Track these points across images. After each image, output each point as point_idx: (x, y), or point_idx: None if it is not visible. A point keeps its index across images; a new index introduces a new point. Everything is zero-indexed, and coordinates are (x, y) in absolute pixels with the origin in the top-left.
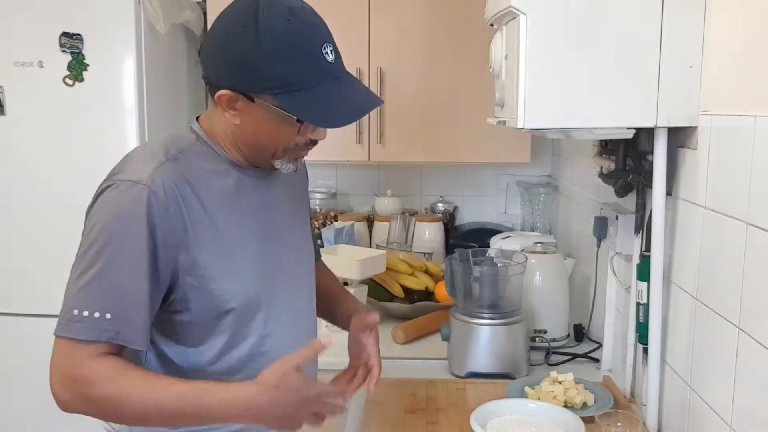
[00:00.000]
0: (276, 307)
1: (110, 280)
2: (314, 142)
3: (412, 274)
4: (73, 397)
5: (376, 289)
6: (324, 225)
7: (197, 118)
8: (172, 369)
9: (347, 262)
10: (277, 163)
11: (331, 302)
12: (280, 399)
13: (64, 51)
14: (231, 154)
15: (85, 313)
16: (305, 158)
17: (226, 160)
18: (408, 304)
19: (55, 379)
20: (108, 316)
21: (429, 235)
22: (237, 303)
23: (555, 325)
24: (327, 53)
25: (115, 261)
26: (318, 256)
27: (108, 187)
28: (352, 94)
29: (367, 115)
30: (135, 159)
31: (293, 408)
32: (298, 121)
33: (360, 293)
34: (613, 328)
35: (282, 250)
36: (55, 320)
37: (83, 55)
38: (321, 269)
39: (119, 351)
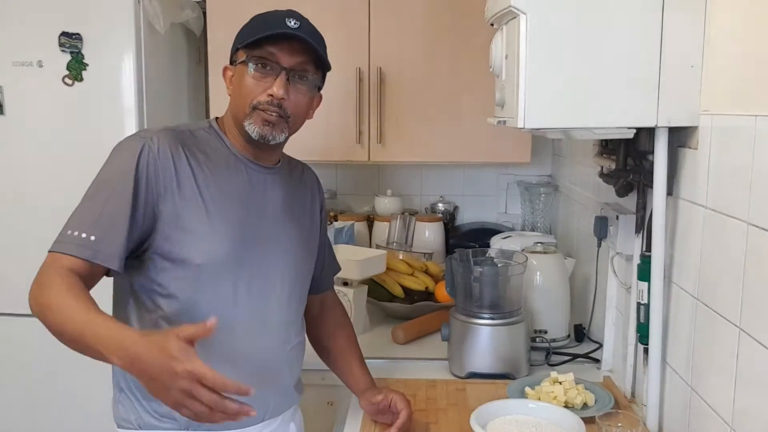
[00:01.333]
0: (245, 288)
1: (98, 207)
2: (279, 105)
3: (412, 274)
4: (31, 297)
5: (376, 289)
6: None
7: (216, 119)
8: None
9: (347, 262)
10: (247, 126)
11: (346, 371)
12: (152, 357)
13: (63, 51)
14: (235, 141)
15: (75, 233)
16: (319, 176)
17: (230, 147)
18: (408, 304)
19: (34, 282)
20: (93, 237)
21: (429, 235)
22: (202, 260)
23: (555, 325)
24: (289, 22)
25: (105, 191)
26: (331, 286)
27: (119, 142)
28: (289, 32)
29: (367, 116)
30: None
31: (162, 374)
32: (249, 58)
33: (360, 293)
34: (613, 328)
35: (265, 245)
36: None
37: (83, 55)
38: (339, 318)
39: (90, 274)
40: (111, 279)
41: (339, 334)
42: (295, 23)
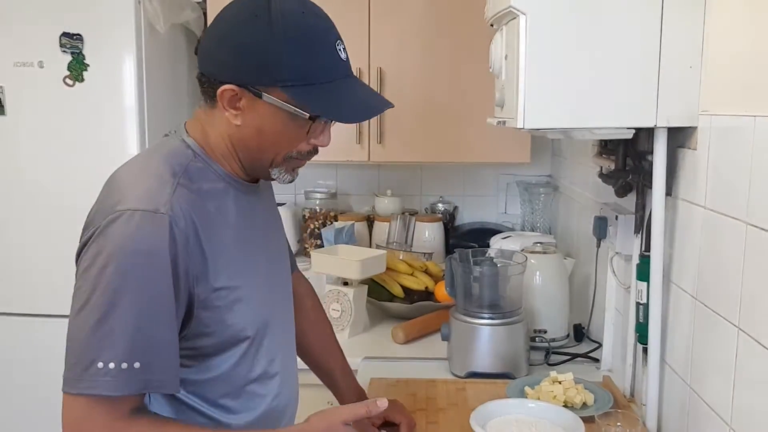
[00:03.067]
0: (278, 326)
1: (136, 325)
2: (316, 151)
3: (412, 274)
4: None
5: (376, 289)
6: (324, 225)
7: (185, 127)
8: (176, 406)
9: (347, 262)
10: (275, 173)
11: (327, 378)
12: None
13: (64, 51)
14: (227, 167)
15: (111, 365)
16: None
17: (223, 176)
18: (408, 304)
19: None
20: (137, 365)
21: (429, 235)
22: (252, 330)
23: (555, 325)
24: (340, 50)
25: (140, 303)
26: (294, 265)
27: (118, 217)
28: (364, 93)
29: None
30: (141, 183)
31: None
32: (310, 118)
33: (360, 293)
34: (612, 328)
35: (276, 265)
36: (55, 320)
37: (83, 56)
38: (311, 309)
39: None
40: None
41: (315, 332)
42: (343, 52)
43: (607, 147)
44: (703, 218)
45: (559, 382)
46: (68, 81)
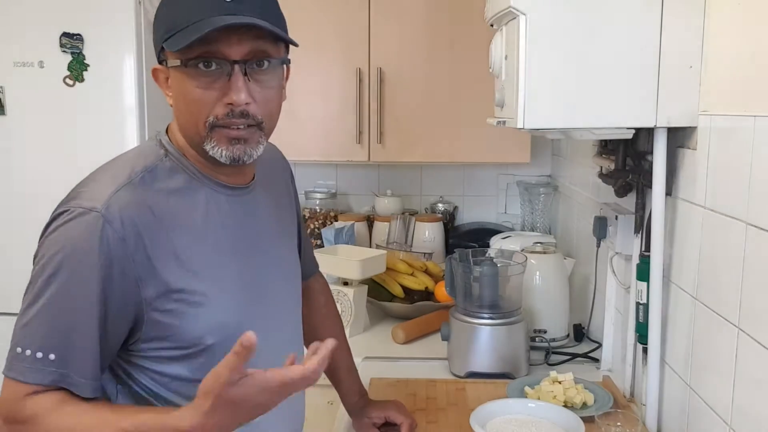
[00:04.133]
0: (262, 338)
1: (55, 317)
2: (242, 114)
3: (412, 274)
4: None
5: (376, 289)
6: (324, 225)
7: (167, 129)
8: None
9: (347, 262)
10: (209, 148)
11: (332, 374)
12: (230, 412)
13: (64, 51)
14: (198, 164)
15: (28, 352)
16: (291, 159)
17: (196, 174)
18: (408, 304)
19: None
20: (51, 356)
21: (429, 235)
22: (213, 338)
23: (555, 325)
24: None
25: (62, 296)
26: (316, 267)
27: (61, 213)
28: (226, 14)
29: (367, 116)
30: (94, 180)
31: (261, 406)
32: (182, 63)
33: (360, 293)
34: (612, 328)
35: (267, 272)
36: None
37: (84, 56)
38: (324, 305)
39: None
40: None
41: (326, 328)
42: None
43: (607, 147)
44: (703, 218)
45: (559, 382)
46: (68, 81)
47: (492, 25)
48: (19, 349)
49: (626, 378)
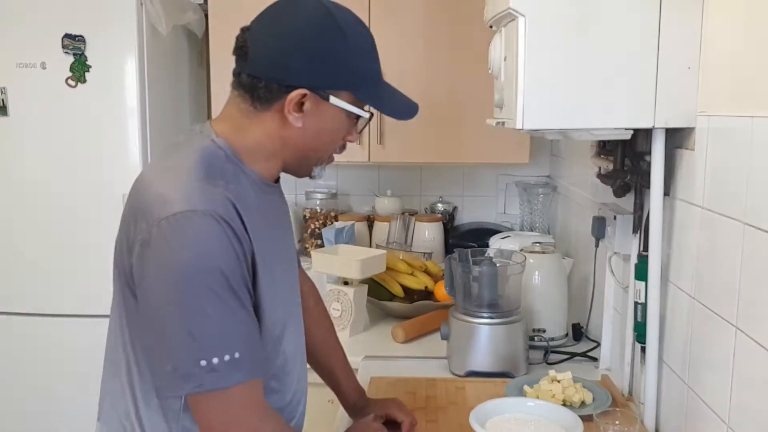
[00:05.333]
0: (294, 325)
1: (225, 320)
2: (344, 147)
3: (411, 274)
4: None
5: (376, 288)
6: (324, 225)
7: (212, 127)
8: None
9: (347, 261)
10: (316, 170)
11: (329, 376)
12: None
13: (66, 52)
14: (257, 167)
15: (216, 360)
16: None
17: (250, 176)
18: (408, 304)
19: None
20: (237, 355)
21: (428, 235)
22: (279, 330)
23: (554, 324)
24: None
25: (223, 297)
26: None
27: (176, 219)
28: (399, 92)
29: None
30: (188, 184)
31: None
32: (353, 115)
33: (360, 293)
34: (611, 327)
35: (288, 264)
36: (54, 319)
37: (85, 57)
38: (314, 308)
39: None
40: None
41: (319, 330)
42: None
43: (605, 147)
44: (701, 218)
45: (558, 381)
46: (70, 82)
47: (491, 27)
48: (203, 362)
49: (624, 377)
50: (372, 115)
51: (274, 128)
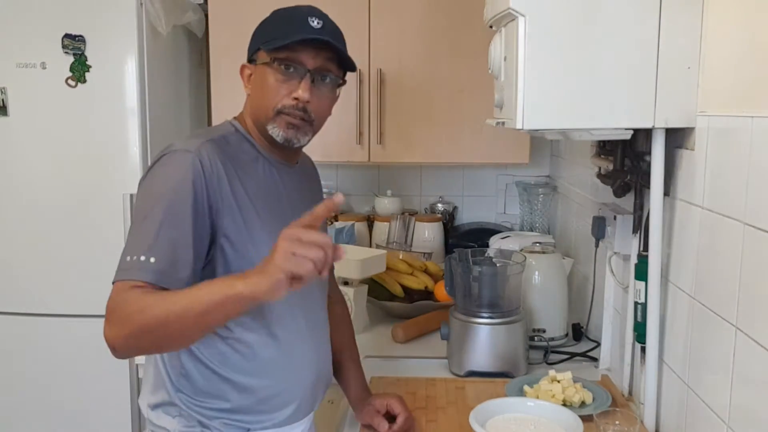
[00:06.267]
0: (299, 295)
1: (153, 228)
2: (302, 109)
3: (411, 274)
4: (113, 328)
5: (376, 288)
6: (324, 225)
7: (235, 117)
8: None
9: (347, 261)
10: (271, 129)
11: (340, 372)
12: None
13: (66, 52)
14: (260, 141)
15: (133, 258)
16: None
17: (256, 149)
18: (408, 304)
19: (105, 321)
20: (152, 260)
21: (428, 235)
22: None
23: (553, 324)
24: (312, 21)
25: (159, 210)
26: (336, 287)
27: (157, 160)
28: (312, 34)
29: (367, 117)
30: (181, 139)
31: (275, 252)
32: (272, 60)
33: (360, 293)
34: (611, 327)
35: None
36: (54, 319)
37: (86, 57)
38: (339, 315)
39: None
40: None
41: (338, 332)
42: (318, 23)
43: (605, 148)
44: (701, 218)
45: (558, 381)
46: (70, 82)
47: (491, 27)
48: (128, 258)
49: (624, 377)
50: (277, 58)
51: (247, 104)
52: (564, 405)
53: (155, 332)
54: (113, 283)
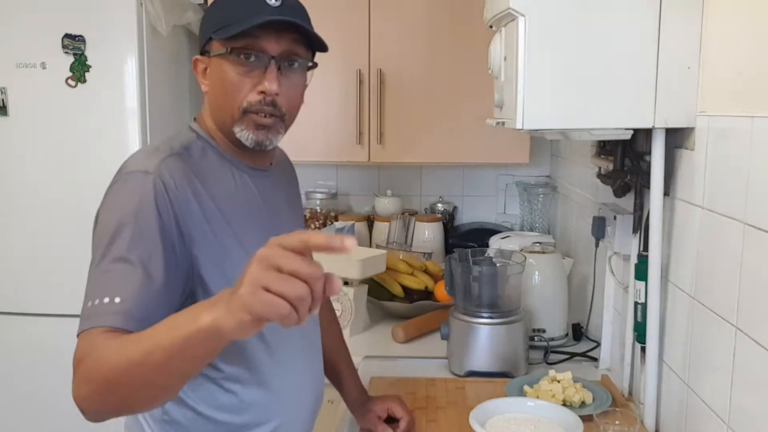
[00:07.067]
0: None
1: (120, 264)
2: (271, 104)
3: (411, 274)
4: (77, 386)
5: (376, 288)
6: (324, 225)
7: (195, 119)
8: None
9: (347, 261)
10: (239, 132)
11: (334, 376)
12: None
13: (66, 52)
14: (225, 146)
15: (95, 302)
16: (291, 159)
17: (224, 154)
18: (408, 304)
19: (72, 379)
20: (117, 300)
21: (428, 235)
22: None
23: (553, 324)
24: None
25: (127, 243)
26: None
27: (116, 182)
28: (272, 15)
29: (367, 116)
30: (139, 155)
31: (242, 280)
32: (228, 51)
33: (360, 293)
34: (611, 327)
35: None
36: (54, 319)
37: (85, 57)
38: (326, 317)
39: None
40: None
41: (329, 334)
42: (275, 0)
43: (605, 148)
44: (701, 218)
45: (558, 381)
46: (70, 82)
47: (491, 27)
48: (89, 303)
49: (624, 377)
50: (234, 48)
51: (207, 102)
52: (564, 405)
53: (118, 387)
54: (77, 336)
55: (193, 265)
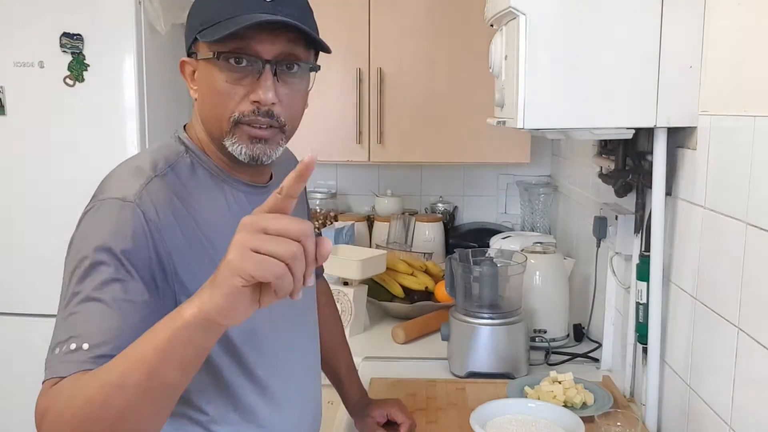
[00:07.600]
0: (278, 338)
1: (91, 304)
2: (267, 114)
3: (412, 274)
4: None
5: (376, 289)
6: (324, 225)
7: (185, 127)
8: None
9: (347, 262)
10: (231, 146)
11: (332, 375)
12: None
13: (64, 51)
14: (218, 160)
15: (62, 348)
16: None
17: (215, 170)
18: (408, 304)
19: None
20: (85, 346)
21: (429, 235)
22: (235, 332)
23: (554, 324)
24: None
25: (101, 278)
26: (321, 269)
27: (90, 209)
28: (265, 12)
29: (367, 116)
30: (119, 176)
31: (229, 250)
32: (215, 56)
33: (360, 293)
34: (612, 327)
35: None
36: (54, 320)
37: (84, 56)
38: (324, 305)
39: None
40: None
41: (330, 334)
42: None
43: (606, 147)
44: (703, 218)
45: (559, 382)
46: (68, 81)
47: (492, 25)
48: (56, 350)
49: (626, 378)
50: (222, 52)
51: (197, 110)
52: (565, 406)
53: (97, 420)
54: (42, 383)
55: (176, 301)
